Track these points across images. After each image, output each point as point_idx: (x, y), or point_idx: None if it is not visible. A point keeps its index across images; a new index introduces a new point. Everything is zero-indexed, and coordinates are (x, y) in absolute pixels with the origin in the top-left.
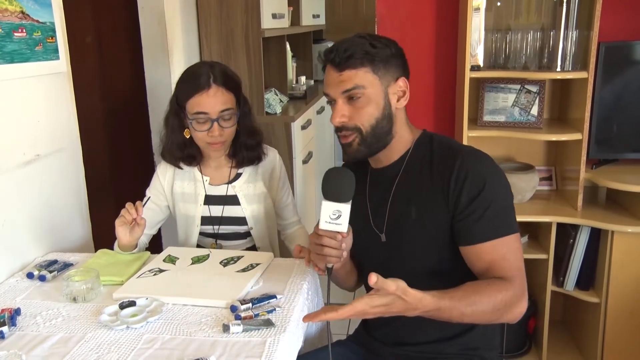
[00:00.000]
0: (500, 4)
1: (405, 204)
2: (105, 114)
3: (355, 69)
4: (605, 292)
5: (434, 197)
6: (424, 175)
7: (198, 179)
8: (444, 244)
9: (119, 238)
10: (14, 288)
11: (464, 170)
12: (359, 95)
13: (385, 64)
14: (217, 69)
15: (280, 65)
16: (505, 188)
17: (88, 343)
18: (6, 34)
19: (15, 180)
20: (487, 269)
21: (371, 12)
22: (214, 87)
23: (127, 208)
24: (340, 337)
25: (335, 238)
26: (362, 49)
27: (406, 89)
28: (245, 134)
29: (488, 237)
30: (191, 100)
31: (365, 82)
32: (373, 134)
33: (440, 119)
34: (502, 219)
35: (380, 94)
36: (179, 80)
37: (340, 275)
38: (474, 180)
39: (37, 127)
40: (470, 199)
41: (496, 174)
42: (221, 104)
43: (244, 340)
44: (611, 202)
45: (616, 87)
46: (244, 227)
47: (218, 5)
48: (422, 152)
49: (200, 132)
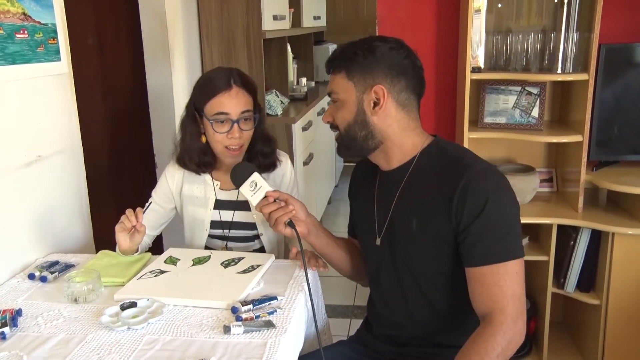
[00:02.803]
0: (501, 5)
1: (408, 212)
2: (107, 115)
3: (334, 73)
4: (606, 294)
5: (437, 211)
6: (430, 186)
7: (208, 183)
8: (443, 258)
9: (119, 244)
10: (15, 289)
11: (468, 188)
12: (334, 99)
13: (362, 71)
14: (236, 72)
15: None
16: (511, 208)
17: (89, 344)
18: (8, 35)
19: (17, 181)
20: (479, 293)
21: (372, 14)
22: (235, 88)
23: (127, 215)
24: (341, 337)
25: (268, 201)
26: (343, 55)
27: (382, 98)
28: (260, 141)
29: (486, 260)
30: (211, 102)
31: (338, 88)
32: (347, 137)
33: (440, 120)
34: (505, 242)
35: (353, 100)
36: (197, 85)
37: (332, 259)
38: (477, 198)
39: (39, 128)
40: (472, 218)
41: (502, 193)
42: (243, 105)
43: (245, 342)
44: (612, 204)
45: (617, 89)
46: (253, 232)
47: (219, 7)
48: (430, 162)
49: (219, 134)
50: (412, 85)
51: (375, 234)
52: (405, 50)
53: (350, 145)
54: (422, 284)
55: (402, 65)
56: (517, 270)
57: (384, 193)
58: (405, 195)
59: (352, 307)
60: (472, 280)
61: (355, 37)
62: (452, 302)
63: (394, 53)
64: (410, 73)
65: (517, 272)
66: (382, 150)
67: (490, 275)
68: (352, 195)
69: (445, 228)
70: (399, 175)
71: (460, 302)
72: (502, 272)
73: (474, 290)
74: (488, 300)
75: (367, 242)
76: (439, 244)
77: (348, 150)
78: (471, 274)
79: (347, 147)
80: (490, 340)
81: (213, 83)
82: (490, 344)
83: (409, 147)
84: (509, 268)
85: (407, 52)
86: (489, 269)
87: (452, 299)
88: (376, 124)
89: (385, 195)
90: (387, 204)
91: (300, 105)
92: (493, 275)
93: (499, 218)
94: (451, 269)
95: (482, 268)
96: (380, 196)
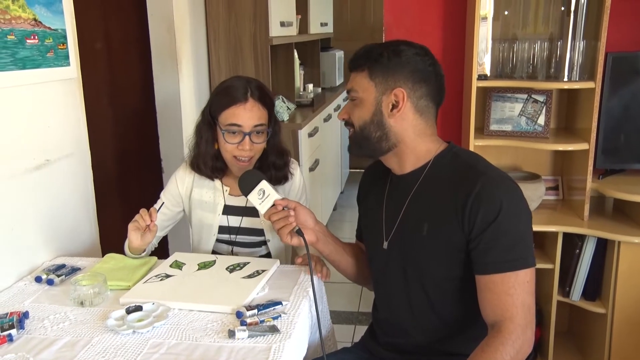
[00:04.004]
0: (507, 13)
1: (418, 218)
2: (114, 120)
3: (356, 72)
4: (611, 302)
5: (449, 218)
6: (443, 192)
7: (218, 189)
8: (453, 264)
9: (130, 242)
10: (22, 291)
11: (482, 195)
12: (353, 97)
13: (385, 73)
14: (254, 84)
15: (288, 73)
16: (524, 216)
17: (95, 347)
18: (19, 40)
19: (25, 185)
20: (489, 301)
21: (379, 21)
22: (250, 101)
23: (142, 214)
24: (345, 344)
25: (277, 209)
26: (367, 55)
27: (401, 101)
28: (274, 154)
29: (498, 268)
30: (226, 112)
31: (358, 86)
32: (361, 135)
33: (446, 127)
34: (518, 251)
35: (372, 100)
36: (214, 92)
37: (340, 265)
38: (491, 206)
39: (47, 132)
40: (485, 226)
41: (515, 201)
42: (256, 119)
43: (249, 346)
44: (618, 212)
45: (623, 98)
46: (260, 238)
47: (227, 13)
48: (443, 168)
49: (230, 145)
50: (433, 93)
51: (383, 238)
52: (430, 57)
53: (363, 144)
54: (429, 289)
55: (425, 72)
56: (528, 280)
57: (395, 197)
58: (417, 200)
59: (357, 313)
60: (483, 287)
61: (362, 43)
62: (458, 308)
63: (419, 59)
64: (432, 81)
65: (528, 281)
66: (396, 154)
67: (501, 284)
68: (361, 200)
69: (457, 234)
70: (412, 179)
71: (467, 309)
72: (513, 280)
73: (484, 298)
74: (498, 309)
75: (373, 245)
76: (450, 250)
77: (360, 149)
78: (481, 281)
79: (359, 145)
80: (500, 349)
81: (230, 94)
82: (500, 353)
83: (423, 152)
84: (520, 277)
85: (431, 60)
86: (500, 277)
87: (459, 305)
88: (392, 126)
89: (396, 199)
90: (397, 208)
91: (306, 112)
92: (504, 284)
93: (512, 226)
94: (460, 275)
95: (493, 276)
96: (389, 200)
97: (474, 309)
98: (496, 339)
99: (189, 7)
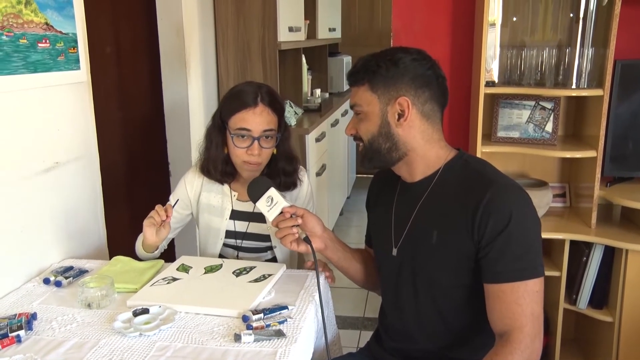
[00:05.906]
0: (516, 19)
1: (428, 225)
2: (123, 124)
3: (357, 86)
4: (619, 311)
5: (459, 225)
6: (452, 199)
7: (226, 193)
8: (462, 272)
9: (145, 237)
10: (30, 293)
11: (492, 204)
12: (358, 112)
13: (386, 83)
14: (265, 90)
15: (296, 78)
16: (534, 225)
17: (102, 349)
18: (31, 44)
19: (34, 187)
20: (498, 310)
21: (387, 26)
22: (260, 105)
23: (157, 210)
24: (351, 349)
25: (285, 217)
26: (365, 68)
27: (407, 109)
28: (283, 160)
29: (507, 278)
30: (236, 116)
31: (362, 101)
32: (371, 148)
33: (454, 134)
34: (527, 260)
35: (377, 112)
36: (225, 97)
37: (349, 272)
38: (501, 215)
39: (57, 135)
40: (495, 234)
41: (525, 210)
42: (266, 124)
43: (255, 350)
44: (626, 220)
45: (632, 105)
46: (266, 243)
47: (235, 18)
48: (453, 176)
49: (239, 149)
50: (436, 95)
51: (392, 244)
52: (428, 61)
53: (374, 157)
54: (437, 296)
55: (425, 76)
56: (537, 289)
57: (404, 204)
58: (427, 207)
59: (363, 318)
60: (491, 296)
61: (370, 49)
62: (466, 316)
63: (417, 64)
64: (433, 84)
65: (537, 291)
66: (406, 162)
67: (510, 293)
68: (370, 206)
69: (467, 242)
70: (422, 187)
71: (474, 317)
72: (523, 290)
73: (493, 307)
74: (507, 318)
75: (382, 252)
76: (459, 258)
77: (372, 162)
78: (490, 290)
79: (370, 159)
80: (509, 359)
81: (240, 98)
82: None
83: (432, 159)
84: (529, 286)
85: (430, 62)
86: (509, 287)
87: (467, 313)
88: (401, 135)
89: (405, 206)
90: (407, 215)
91: (314, 117)
92: (513, 293)
93: (522, 235)
94: (468, 283)
95: (502, 285)
96: (399, 207)
97: (481, 317)
98: (505, 348)
99: (198, 12)
